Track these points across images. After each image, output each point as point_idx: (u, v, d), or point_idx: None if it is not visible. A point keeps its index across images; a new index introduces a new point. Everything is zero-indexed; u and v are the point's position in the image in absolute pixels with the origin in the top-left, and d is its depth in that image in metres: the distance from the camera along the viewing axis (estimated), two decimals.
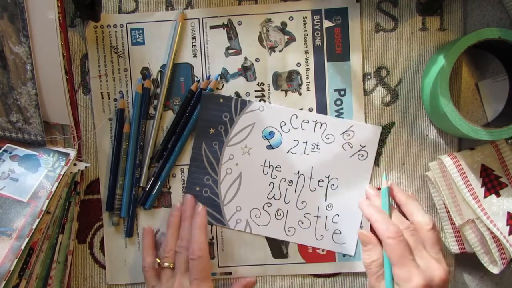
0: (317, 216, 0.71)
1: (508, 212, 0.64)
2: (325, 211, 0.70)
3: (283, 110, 0.70)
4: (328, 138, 0.70)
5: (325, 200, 0.70)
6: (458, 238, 0.67)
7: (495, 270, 0.64)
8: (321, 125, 0.70)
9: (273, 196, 0.71)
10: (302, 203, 0.71)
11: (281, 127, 0.70)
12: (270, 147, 0.71)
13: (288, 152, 0.70)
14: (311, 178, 0.70)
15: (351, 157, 0.70)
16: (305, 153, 0.70)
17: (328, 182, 0.70)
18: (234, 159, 0.71)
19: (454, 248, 0.67)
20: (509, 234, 0.63)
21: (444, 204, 0.66)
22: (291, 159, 0.70)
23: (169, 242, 0.68)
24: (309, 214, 0.71)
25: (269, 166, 0.71)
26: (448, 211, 0.66)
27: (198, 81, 0.70)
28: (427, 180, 0.69)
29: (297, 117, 0.70)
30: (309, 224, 0.71)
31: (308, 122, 0.70)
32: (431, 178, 0.67)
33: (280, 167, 0.70)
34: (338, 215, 0.70)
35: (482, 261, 0.65)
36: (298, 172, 0.70)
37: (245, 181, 0.71)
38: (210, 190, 0.71)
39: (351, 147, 0.70)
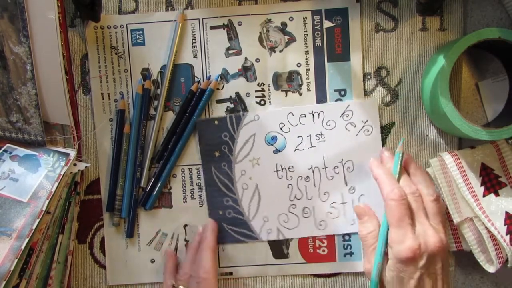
0: (343, 203, 0.70)
1: (507, 212, 0.64)
2: (349, 195, 0.70)
3: (278, 112, 0.70)
4: (329, 125, 0.70)
5: (346, 184, 0.70)
6: (455, 236, 0.67)
7: (491, 269, 0.64)
8: (319, 114, 0.70)
9: (295, 197, 0.71)
10: (324, 194, 0.70)
11: (281, 128, 0.70)
12: (276, 151, 0.70)
13: (295, 150, 0.70)
14: (325, 168, 0.70)
15: (357, 135, 0.70)
16: (312, 146, 0.70)
17: (343, 166, 0.70)
18: (247, 173, 0.71)
19: (451, 245, 0.67)
20: (507, 234, 0.63)
21: (443, 201, 0.66)
22: (300, 156, 0.70)
23: (184, 266, 0.69)
24: (335, 203, 0.70)
25: (282, 169, 0.70)
26: (446, 209, 0.66)
27: (199, 82, 0.70)
28: None
29: (293, 115, 0.70)
30: (337, 213, 0.70)
31: (305, 116, 0.70)
32: (430, 175, 0.67)
33: (292, 167, 0.70)
34: (363, 195, 0.70)
35: (479, 260, 0.65)
36: (311, 166, 0.70)
37: (263, 191, 0.71)
38: (233, 210, 0.71)
39: (354, 126, 0.70)
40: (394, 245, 0.59)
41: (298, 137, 0.70)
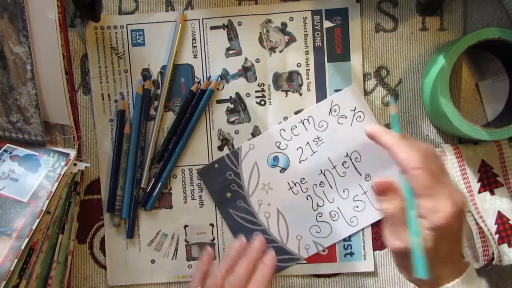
0: (365, 192, 0.70)
1: (499, 212, 0.64)
2: (367, 183, 0.70)
3: (269, 134, 0.71)
4: (322, 126, 0.70)
5: (360, 174, 0.70)
6: None
7: (476, 265, 0.65)
8: (307, 120, 0.70)
9: (318, 205, 0.70)
10: (344, 192, 0.70)
11: (278, 147, 0.70)
12: (283, 170, 0.71)
13: (300, 162, 0.70)
14: (334, 167, 0.70)
15: (352, 125, 0.70)
16: (314, 152, 0.70)
17: (351, 159, 0.70)
18: (264, 202, 0.71)
19: None
20: (496, 233, 0.64)
21: None
22: (307, 166, 0.70)
23: (219, 274, 0.62)
24: (357, 195, 0.70)
25: (295, 184, 0.70)
26: None
27: (199, 82, 0.70)
28: None
29: (285, 130, 0.70)
30: (363, 204, 0.70)
31: (296, 127, 0.70)
32: None
33: (304, 179, 0.70)
34: None
35: (465, 255, 0.65)
36: (321, 171, 0.70)
37: (286, 212, 0.71)
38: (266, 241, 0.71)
39: (346, 118, 0.70)
40: (429, 215, 0.53)
41: (297, 149, 0.70)
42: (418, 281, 0.56)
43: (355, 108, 0.70)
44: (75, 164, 0.67)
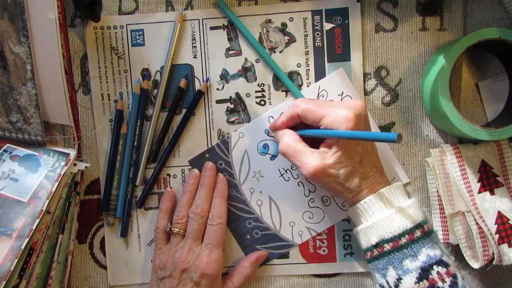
0: None
1: (499, 212, 0.64)
2: None
3: (259, 120, 0.71)
4: None
5: None
6: (444, 228, 0.67)
7: (475, 265, 0.65)
8: None
9: (309, 191, 0.71)
10: None
11: (267, 135, 0.70)
12: (273, 157, 0.70)
13: None
14: None
15: None
16: None
17: None
18: (256, 190, 0.71)
19: (439, 237, 0.67)
20: (496, 233, 0.64)
21: (438, 192, 0.67)
22: None
23: (182, 209, 0.68)
24: None
25: (285, 171, 0.70)
26: (440, 200, 0.67)
27: (186, 77, 0.70)
28: (425, 166, 0.69)
29: (273, 117, 0.70)
30: None
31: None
32: (430, 165, 0.67)
33: (294, 166, 0.70)
34: None
35: (465, 255, 0.65)
36: None
37: (278, 199, 0.71)
38: (259, 229, 0.71)
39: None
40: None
41: None
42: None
43: (342, 93, 0.69)
44: (75, 164, 0.67)
